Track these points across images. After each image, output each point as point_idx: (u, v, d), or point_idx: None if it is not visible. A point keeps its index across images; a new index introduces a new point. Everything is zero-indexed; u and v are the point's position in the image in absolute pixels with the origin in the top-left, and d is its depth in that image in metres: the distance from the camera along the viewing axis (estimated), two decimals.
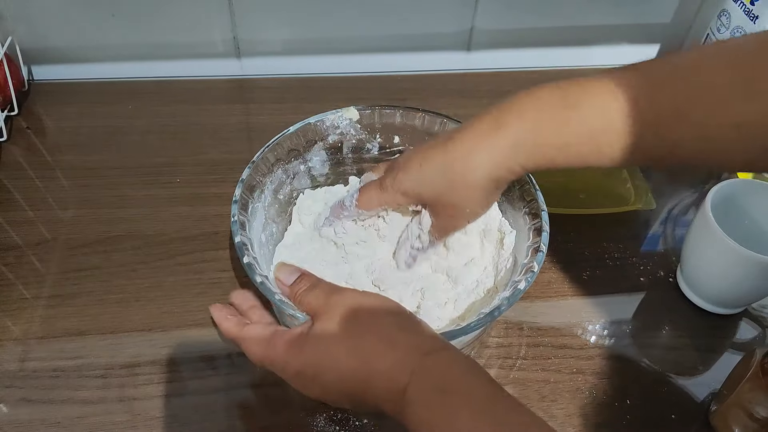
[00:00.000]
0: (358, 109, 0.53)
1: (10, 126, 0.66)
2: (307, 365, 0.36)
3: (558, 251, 0.58)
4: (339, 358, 0.35)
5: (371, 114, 0.54)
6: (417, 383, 0.33)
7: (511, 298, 0.41)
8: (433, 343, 0.35)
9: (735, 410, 0.44)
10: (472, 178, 0.41)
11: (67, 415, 0.45)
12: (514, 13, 0.74)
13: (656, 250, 0.59)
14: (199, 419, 0.45)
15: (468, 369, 0.34)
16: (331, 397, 0.37)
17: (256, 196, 0.48)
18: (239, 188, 0.47)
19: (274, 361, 0.38)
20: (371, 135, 0.55)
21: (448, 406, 0.32)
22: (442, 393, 0.32)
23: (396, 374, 0.34)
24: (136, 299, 0.52)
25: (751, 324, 0.54)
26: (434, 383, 0.33)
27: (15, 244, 0.55)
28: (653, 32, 0.80)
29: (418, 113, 0.54)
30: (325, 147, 0.54)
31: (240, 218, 0.45)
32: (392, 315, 0.37)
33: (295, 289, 0.40)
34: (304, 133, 0.52)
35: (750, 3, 0.64)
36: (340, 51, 0.75)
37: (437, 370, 0.33)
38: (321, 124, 0.53)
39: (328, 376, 0.36)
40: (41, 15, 0.68)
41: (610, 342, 0.52)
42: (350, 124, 0.54)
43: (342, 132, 0.54)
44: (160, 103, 0.70)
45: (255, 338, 0.39)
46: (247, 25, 0.71)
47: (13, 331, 0.49)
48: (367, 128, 0.55)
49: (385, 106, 0.54)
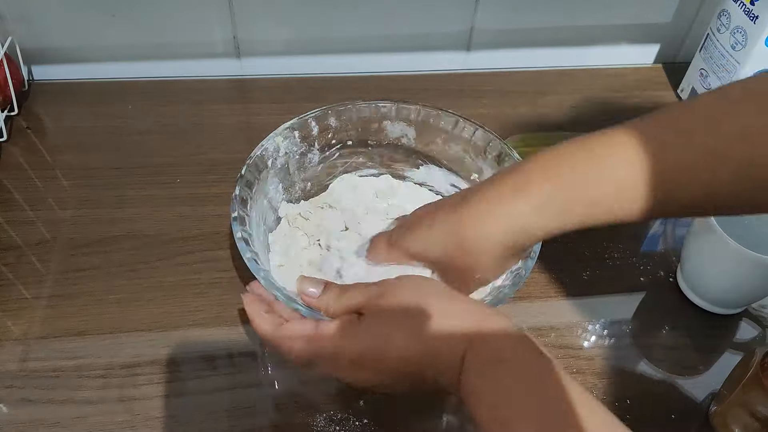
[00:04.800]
0: (289, 126, 0.51)
1: (10, 126, 0.66)
2: (364, 351, 0.36)
3: (558, 251, 0.57)
4: (397, 339, 0.35)
5: (305, 122, 0.52)
6: (473, 351, 0.33)
7: (493, 302, 0.41)
8: (484, 310, 0.35)
9: (735, 410, 0.44)
10: (485, 245, 0.39)
11: (67, 415, 0.45)
12: (514, 13, 0.74)
13: (656, 250, 0.59)
14: (199, 419, 0.45)
15: (521, 340, 0.34)
16: (387, 381, 0.37)
17: (255, 193, 0.48)
18: (239, 185, 0.47)
19: (323, 353, 0.37)
20: (310, 146, 0.54)
21: (500, 378, 0.32)
22: (497, 363, 0.33)
23: (454, 344, 0.34)
24: (136, 299, 0.52)
25: (751, 324, 0.54)
26: (489, 353, 0.33)
27: (15, 244, 0.55)
28: (653, 32, 0.80)
29: (346, 106, 0.53)
30: (276, 174, 0.52)
31: (240, 214, 0.45)
32: (439, 292, 0.37)
33: (325, 300, 0.39)
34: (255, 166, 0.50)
35: (750, 3, 0.64)
36: (340, 51, 0.75)
37: (492, 338, 0.34)
38: (265, 153, 0.50)
39: (388, 358, 0.36)
40: (41, 15, 0.68)
41: (610, 342, 0.52)
42: (291, 141, 0.52)
43: (287, 152, 0.52)
44: (160, 103, 0.70)
45: (297, 335, 0.38)
46: (247, 25, 0.71)
47: (13, 331, 0.49)
48: (306, 139, 0.53)
49: (313, 110, 0.52)
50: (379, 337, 0.36)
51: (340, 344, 0.37)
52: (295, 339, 0.38)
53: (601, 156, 0.37)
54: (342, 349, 0.37)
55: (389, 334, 0.36)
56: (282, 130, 0.51)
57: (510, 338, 0.34)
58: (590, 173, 0.37)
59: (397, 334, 0.36)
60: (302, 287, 0.41)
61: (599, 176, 0.36)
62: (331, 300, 0.39)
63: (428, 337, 0.35)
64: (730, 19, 0.67)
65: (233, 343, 0.49)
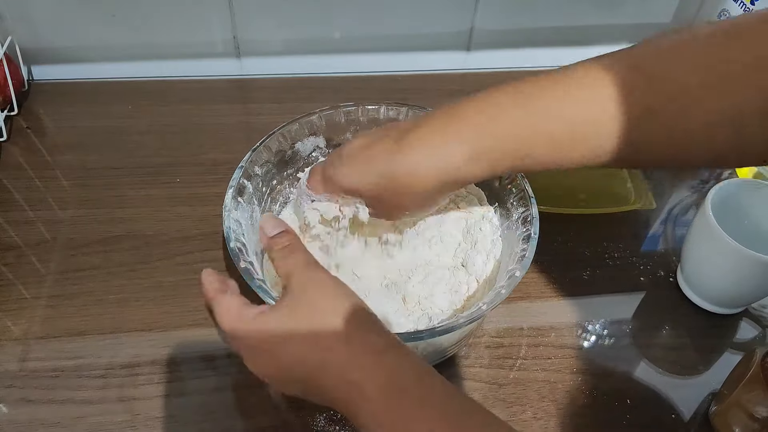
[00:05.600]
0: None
1: (10, 126, 0.66)
2: (264, 340, 0.35)
3: (558, 251, 0.58)
4: (296, 339, 0.35)
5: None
6: (373, 381, 0.33)
7: (490, 304, 0.41)
8: (387, 342, 0.35)
9: (735, 410, 0.44)
10: (417, 186, 0.41)
11: (67, 415, 0.45)
12: (514, 13, 0.74)
13: (656, 250, 0.59)
14: (199, 419, 0.45)
15: (423, 369, 0.34)
16: (282, 378, 0.36)
17: (246, 199, 0.48)
18: (229, 192, 0.46)
19: (237, 331, 0.36)
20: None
21: (406, 406, 0.31)
22: (400, 392, 0.32)
23: (348, 369, 0.33)
24: (136, 299, 0.52)
25: (751, 324, 0.54)
26: (392, 382, 0.32)
27: (15, 244, 0.55)
28: (653, 32, 0.79)
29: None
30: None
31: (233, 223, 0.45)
32: (354, 310, 0.36)
33: (274, 243, 0.39)
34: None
35: (750, 3, 0.64)
36: (340, 51, 0.75)
37: (394, 368, 0.33)
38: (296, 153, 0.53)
39: (283, 356, 0.35)
40: (41, 15, 0.68)
41: (610, 342, 0.52)
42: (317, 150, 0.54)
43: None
44: (160, 103, 0.70)
45: (228, 305, 0.37)
46: (247, 25, 0.71)
47: (13, 331, 0.49)
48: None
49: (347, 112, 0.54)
50: (280, 329, 0.35)
51: (249, 328, 0.36)
52: (224, 308, 0.37)
53: (531, 96, 0.38)
54: (248, 333, 0.36)
55: (289, 330, 0.35)
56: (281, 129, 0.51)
57: (413, 367, 0.33)
58: (521, 122, 0.38)
59: (296, 332, 0.35)
60: (263, 223, 0.41)
61: (530, 125, 0.38)
62: (278, 249, 0.39)
63: (322, 351, 0.34)
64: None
65: None
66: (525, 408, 0.47)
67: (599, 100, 0.37)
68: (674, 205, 0.64)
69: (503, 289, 0.42)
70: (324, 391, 0.34)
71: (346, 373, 0.33)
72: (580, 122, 0.37)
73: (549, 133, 0.38)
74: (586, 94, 0.37)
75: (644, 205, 0.61)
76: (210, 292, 0.39)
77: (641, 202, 0.61)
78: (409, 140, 0.40)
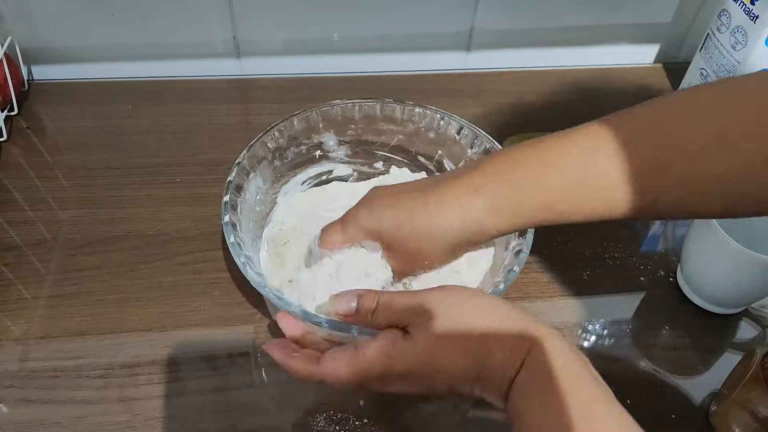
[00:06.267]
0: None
1: (10, 126, 0.66)
2: (415, 367, 0.35)
3: (558, 251, 0.58)
4: (449, 356, 0.35)
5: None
6: (524, 373, 0.34)
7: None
8: (536, 331, 0.35)
9: (735, 410, 0.44)
10: (439, 232, 0.41)
11: (67, 415, 0.45)
12: (514, 13, 0.74)
13: (656, 250, 0.59)
14: (199, 419, 0.45)
15: (572, 364, 0.34)
16: (436, 390, 0.37)
17: (244, 195, 0.48)
18: (228, 190, 0.46)
19: (370, 375, 0.36)
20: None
21: (548, 404, 0.32)
22: (544, 389, 0.32)
23: (506, 369, 0.34)
24: (136, 299, 0.52)
25: (751, 324, 0.54)
26: (538, 377, 0.33)
27: (15, 244, 0.55)
28: (653, 32, 0.80)
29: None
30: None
31: (231, 218, 0.45)
32: (487, 305, 0.37)
33: (363, 314, 0.38)
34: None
35: (750, 3, 0.64)
36: (340, 51, 0.75)
37: (543, 361, 0.33)
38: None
39: (441, 373, 0.35)
40: (41, 15, 0.68)
41: (610, 342, 0.52)
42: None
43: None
44: (160, 103, 0.70)
45: (339, 364, 0.36)
46: (247, 25, 0.71)
47: (13, 331, 0.49)
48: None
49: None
50: (430, 352, 0.35)
51: (388, 363, 0.36)
52: (339, 368, 0.36)
53: (555, 159, 0.39)
54: (390, 367, 0.36)
55: (441, 351, 0.35)
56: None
57: (562, 361, 0.33)
58: (541, 177, 0.39)
59: (448, 349, 0.35)
60: (335, 307, 0.39)
61: (549, 179, 0.39)
62: (371, 314, 0.38)
63: (479, 359, 0.35)
64: (730, 18, 0.67)
65: (233, 343, 0.49)
66: None
67: (606, 155, 0.38)
68: None
69: (501, 284, 0.42)
70: (477, 392, 0.36)
71: (505, 374, 0.34)
72: (592, 176, 0.38)
73: (564, 187, 0.39)
74: (594, 150, 0.39)
75: None
76: (307, 373, 0.37)
77: None
78: (433, 192, 0.41)
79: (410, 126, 0.54)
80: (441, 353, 0.35)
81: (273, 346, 0.39)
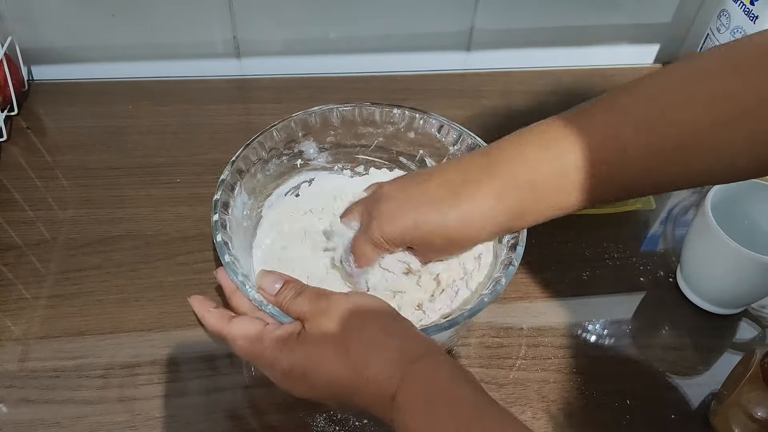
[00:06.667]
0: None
1: (10, 126, 0.66)
2: (295, 366, 0.36)
3: (558, 251, 0.58)
4: (327, 361, 0.35)
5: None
6: (404, 391, 0.33)
7: (489, 296, 0.41)
8: (419, 349, 0.35)
9: (735, 410, 0.44)
10: (470, 243, 0.44)
11: (67, 415, 0.45)
12: (514, 13, 0.74)
13: (656, 250, 0.59)
14: (199, 419, 0.45)
15: (455, 377, 0.33)
16: (318, 397, 0.37)
17: (245, 178, 0.48)
18: (220, 189, 0.46)
19: (261, 358, 0.37)
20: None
21: (433, 417, 0.31)
22: (428, 403, 0.32)
23: (383, 382, 0.34)
24: (136, 299, 0.52)
25: (751, 324, 0.54)
26: (421, 392, 0.33)
27: (15, 244, 0.55)
28: (653, 32, 0.80)
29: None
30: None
31: (221, 218, 0.44)
32: (379, 318, 0.37)
33: (281, 297, 0.40)
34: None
35: (750, 3, 0.64)
36: (340, 51, 0.75)
37: (424, 378, 0.33)
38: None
39: (316, 378, 0.36)
40: (41, 15, 0.68)
41: (610, 342, 0.52)
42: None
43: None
44: (160, 103, 0.70)
45: (241, 334, 0.38)
46: (247, 25, 0.71)
47: (13, 331, 0.49)
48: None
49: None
50: (311, 354, 0.36)
51: (275, 355, 0.37)
52: (239, 338, 0.38)
53: (557, 141, 0.40)
54: (277, 360, 0.37)
55: (320, 354, 0.36)
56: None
57: (444, 375, 0.33)
58: (548, 166, 0.40)
59: (328, 356, 0.35)
60: (261, 281, 0.41)
61: (558, 165, 0.40)
62: (286, 300, 0.39)
63: (358, 368, 0.34)
64: (729, 19, 0.67)
65: None
66: (524, 408, 0.47)
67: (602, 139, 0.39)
68: (674, 205, 0.64)
69: (486, 297, 0.41)
70: (361, 405, 0.35)
71: (381, 387, 0.34)
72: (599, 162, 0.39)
73: (573, 181, 0.40)
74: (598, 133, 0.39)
75: (644, 206, 0.61)
76: (215, 327, 0.39)
77: (641, 202, 0.61)
78: (456, 202, 0.42)
79: (390, 128, 0.54)
80: (320, 355, 0.35)
81: (195, 298, 0.41)
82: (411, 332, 0.36)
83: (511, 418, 0.32)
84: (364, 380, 0.34)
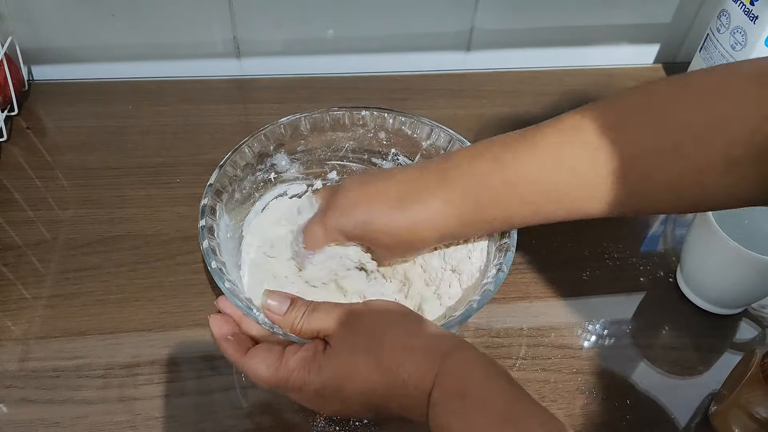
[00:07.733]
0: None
1: (10, 126, 0.66)
2: (327, 382, 0.35)
3: (558, 251, 0.58)
4: (360, 371, 0.35)
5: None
6: (439, 387, 0.33)
7: (481, 301, 0.41)
8: (449, 344, 0.35)
9: (735, 410, 0.44)
10: (419, 244, 0.45)
11: (67, 415, 0.45)
12: (514, 13, 0.74)
13: (656, 250, 0.59)
14: (199, 419, 0.45)
15: (487, 371, 0.34)
16: (351, 411, 0.37)
17: (225, 199, 0.48)
18: (207, 193, 0.46)
19: (289, 382, 0.36)
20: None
21: (466, 411, 0.32)
22: (462, 398, 0.32)
23: (420, 380, 0.34)
24: (136, 299, 0.52)
25: (751, 324, 0.54)
26: (454, 387, 0.33)
27: (15, 244, 0.55)
28: (653, 32, 0.80)
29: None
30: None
31: (209, 222, 0.44)
32: (402, 321, 0.37)
33: (291, 318, 0.38)
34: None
35: (750, 3, 0.64)
36: (340, 51, 0.75)
37: (457, 372, 0.33)
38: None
39: (351, 389, 0.35)
40: (41, 15, 0.68)
41: (610, 342, 0.52)
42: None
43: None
44: (160, 103, 0.70)
45: (261, 365, 0.37)
46: (247, 25, 0.71)
47: (13, 331, 0.49)
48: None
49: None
50: (342, 368, 0.35)
51: (303, 376, 0.36)
52: (260, 369, 0.37)
53: (514, 154, 0.40)
54: (306, 380, 0.36)
55: (352, 365, 0.35)
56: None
57: (477, 370, 0.34)
58: (500, 179, 0.40)
59: (359, 366, 0.35)
60: (267, 302, 0.39)
61: (508, 181, 0.40)
62: (298, 319, 0.38)
63: (392, 371, 0.34)
64: (730, 19, 0.67)
65: None
66: None
67: (566, 160, 0.39)
68: None
69: (474, 303, 0.41)
70: (398, 410, 0.35)
71: (418, 387, 0.34)
72: (563, 182, 0.39)
73: (522, 196, 0.40)
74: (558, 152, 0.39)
75: None
76: (233, 358, 0.39)
77: None
78: (409, 200, 0.42)
79: (360, 130, 0.53)
80: (352, 366, 0.35)
81: (216, 320, 0.40)
82: (436, 330, 0.36)
83: (543, 412, 0.32)
84: (401, 382, 0.34)
